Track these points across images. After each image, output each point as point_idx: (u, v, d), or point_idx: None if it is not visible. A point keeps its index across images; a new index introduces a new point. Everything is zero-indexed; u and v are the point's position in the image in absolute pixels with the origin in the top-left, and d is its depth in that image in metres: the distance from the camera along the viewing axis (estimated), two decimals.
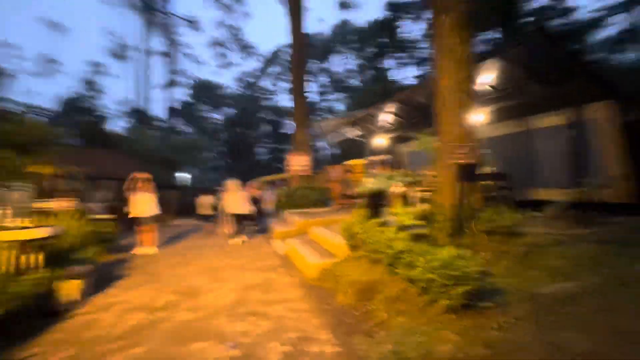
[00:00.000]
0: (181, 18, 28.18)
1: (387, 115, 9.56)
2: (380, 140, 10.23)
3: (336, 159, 26.29)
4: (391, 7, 28.89)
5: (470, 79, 3.73)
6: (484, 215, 3.73)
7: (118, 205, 11.05)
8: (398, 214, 3.79)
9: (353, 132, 12.17)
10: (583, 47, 16.16)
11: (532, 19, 16.49)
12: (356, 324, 3.09)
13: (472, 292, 2.45)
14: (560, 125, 5.90)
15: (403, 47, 31.14)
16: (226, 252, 6.97)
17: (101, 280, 4.80)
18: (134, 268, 5.77)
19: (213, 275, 5.15)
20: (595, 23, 18.70)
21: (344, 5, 32.87)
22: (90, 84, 24.99)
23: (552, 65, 4.82)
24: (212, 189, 18.87)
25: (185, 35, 38.22)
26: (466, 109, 3.74)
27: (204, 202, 9.72)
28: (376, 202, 4.47)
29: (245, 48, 37.94)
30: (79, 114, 23.61)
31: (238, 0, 35.17)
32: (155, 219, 7.22)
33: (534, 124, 6.49)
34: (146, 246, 7.09)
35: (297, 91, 11.52)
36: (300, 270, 5.22)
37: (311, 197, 10.72)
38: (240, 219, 8.35)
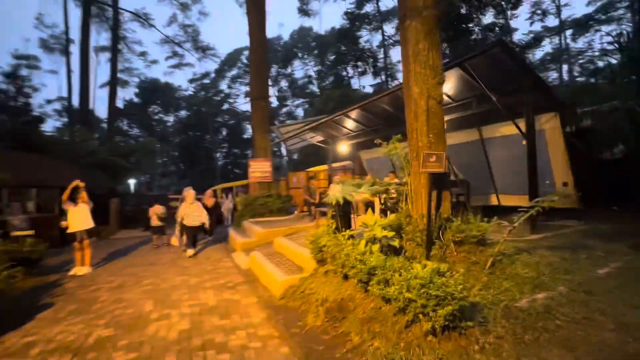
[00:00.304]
0: (128, 11, 26.07)
1: (348, 122, 9.50)
2: (343, 147, 10.16)
3: (297, 166, 25.99)
4: (349, 16, 29.57)
5: (441, 85, 3.68)
6: (453, 225, 3.67)
7: (49, 218, 9.61)
8: (368, 225, 3.58)
9: (314, 138, 11.99)
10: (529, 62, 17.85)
11: (477, 35, 17.83)
12: (327, 351, 2.79)
13: (454, 312, 2.28)
14: (514, 134, 6.23)
15: (362, 56, 31.98)
16: (179, 268, 6.27)
17: (16, 313, 3.95)
18: (63, 294, 4.89)
19: (162, 298, 4.51)
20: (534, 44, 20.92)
21: (303, 12, 32.93)
22: (15, 78, 21.90)
23: (507, 77, 5.04)
24: (163, 197, 17.49)
25: (135, 31, 35.45)
26: (437, 117, 3.68)
27: (154, 211, 8.78)
28: (344, 212, 4.24)
29: (202, 48, 36.27)
30: (2, 113, 20.55)
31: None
32: (90, 233, 6.29)
33: (490, 133, 6.81)
34: (79, 266, 6.14)
35: (257, 94, 11.04)
36: (265, 286, 4.79)
37: (273, 205, 10.27)
38: (194, 230, 7.77)
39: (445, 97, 6.81)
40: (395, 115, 8.13)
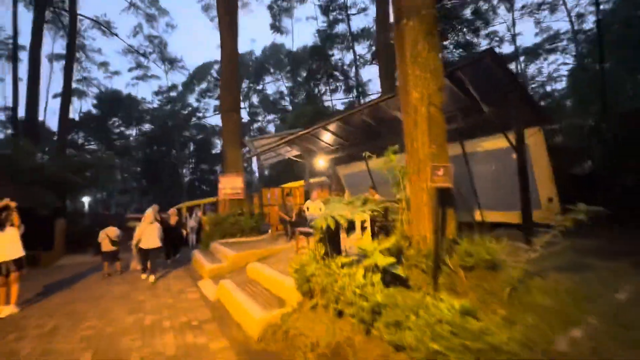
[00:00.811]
0: (87, 18, 24.47)
1: (326, 135, 9.07)
2: (320, 162, 9.68)
3: (268, 182, 25.10)
4: (321, 35, 30.02)
5: (442, 91, 3.32)
6: (460, 248, 3.22)
7: None
8: (366, 251, 3.03)
9: (290, 152, 11.42)
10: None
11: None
12: None
13: None
14: (498, 149, 6.09)
15: (333, 74, 32.39)
16: (133, 303, 5.27)
17: None
18: None
19: (105, 347, 3.58)
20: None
21: (276, 29, 33.00)
22: None
23: (494, 89, 4.88)
24: (121, 217, 15.82)
25: (94, 39, 33.43)
26: (439, 126, 3.28)
27: (107, 234, 7.61)
28: (333, 234, 3.66)
29: (169, 60, 34.91)
30: None
31: (161, 11, 32.43)
32: (19, 264, 5.13)
33: (473, 147, 6.66)
34: (1, 305, 4.95)
35: (228, 105, 10.36)
36: (239, 324, 4.01)
37: (245, 224, 9.44)
38: (151, 253, 6.99)
39: None
40: (375, 129, 7.82)
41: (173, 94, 39.83)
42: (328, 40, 30.03)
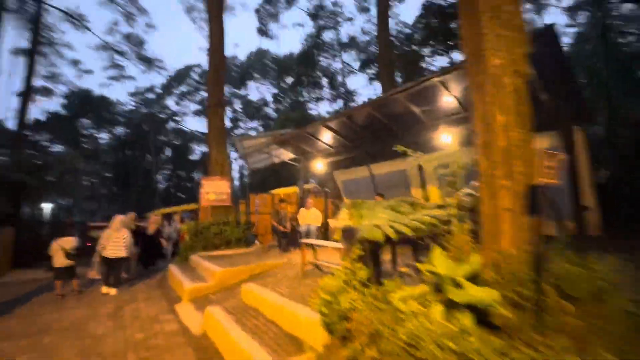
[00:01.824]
0: (57, 8, 22.56)
1: (326, 135, 8.14)
2: (319, 165, 8.71)
3: (255, 188, 23.57)
4: (308, 42, 29.52)
5: (527, 58, 2.48)
6: (557, 269, 2.33)
7: None
8: (442, 277, 2.07)
9: (284, 155, 10.38)
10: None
11: None
12: None
13: None
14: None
15: (318, 83, 31.87)
16: (87, 339, 3.98)
17: None
18: None
19: None
20: None
21: (262, 33, 32.19)
22: None
23: (543, 74, 4.15)
24: (83, 225, 13.97)
25: (64, 32, 31.07)
26: (526, 104, 2.42)
27: (61, 245, 6.19)
28: (373, 250, 2.68)
29: (147, 60, 33.07)
30: None
31: (141, 10, 30.70)
32: None
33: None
34: None
35: (215, 100, 9.24)
36: None
37: (231, 234, 8.24)
38: (114, 264, 6.34)
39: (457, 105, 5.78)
40: (385, 127, 6.97)
41: (150, 95, 37.80)
42: (315, 48, 29.54)
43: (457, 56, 16.65)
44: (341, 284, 2.54)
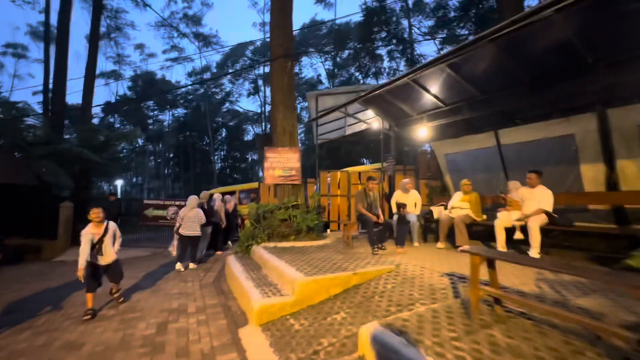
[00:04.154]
0: None
1: (429, 91, 5.69)
2: (422, 131, 6.31)
3: (327, 162, 21.42)
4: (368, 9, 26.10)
5: None
6: None
7: None
8: None
9: (359, 124, 8.16)
10: None
11: None
12: None
13: None
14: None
15: (376, 55, 28.46)
16: None
17: None
18: None
19: None
20: None
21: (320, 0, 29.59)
22: None
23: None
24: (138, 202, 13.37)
25: (127, 11, 31.99)
26: None
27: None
28: None
29: (203, 36, 32.72)
30: None
31: None
32: None
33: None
34: None
35: (280, 50, 7.21)
36: None
37: (302, 222, 6.37)
38: (189, 242, 6.45)
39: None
40: (514, 70, 4.30)
41: (207, 75, 37.88)
42: (375, 15, 25.99)
43: None
44: None
